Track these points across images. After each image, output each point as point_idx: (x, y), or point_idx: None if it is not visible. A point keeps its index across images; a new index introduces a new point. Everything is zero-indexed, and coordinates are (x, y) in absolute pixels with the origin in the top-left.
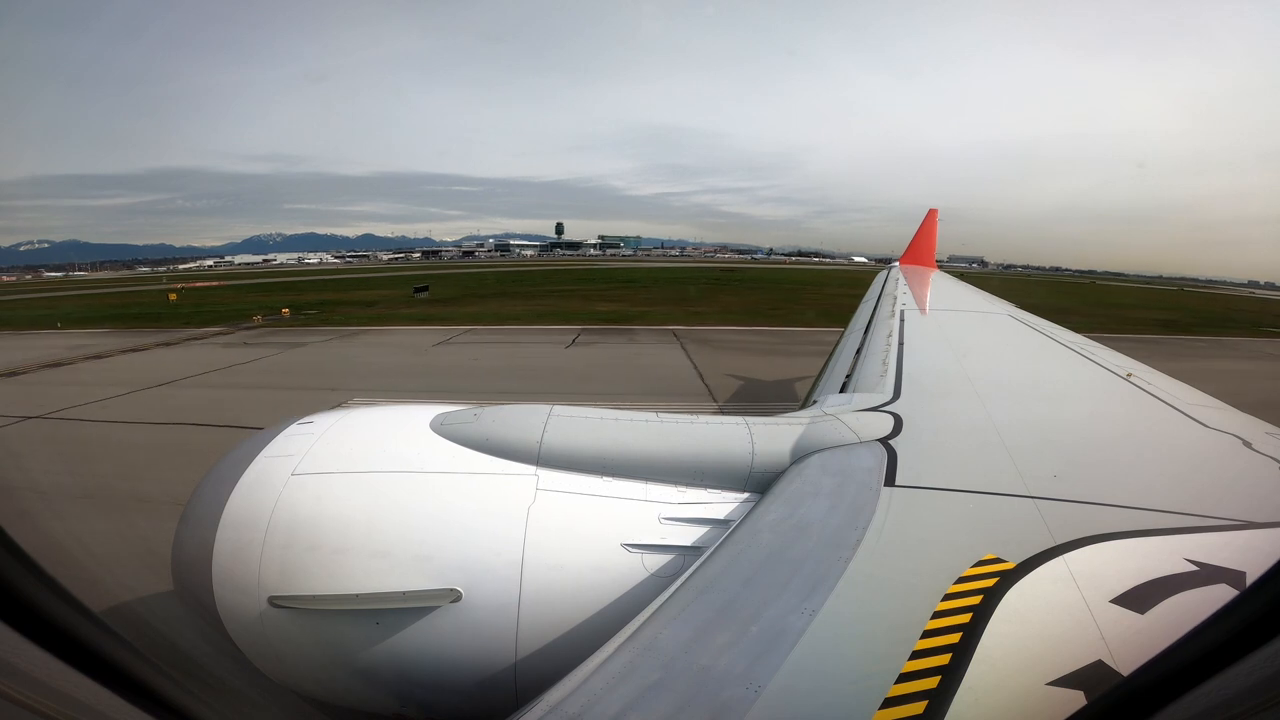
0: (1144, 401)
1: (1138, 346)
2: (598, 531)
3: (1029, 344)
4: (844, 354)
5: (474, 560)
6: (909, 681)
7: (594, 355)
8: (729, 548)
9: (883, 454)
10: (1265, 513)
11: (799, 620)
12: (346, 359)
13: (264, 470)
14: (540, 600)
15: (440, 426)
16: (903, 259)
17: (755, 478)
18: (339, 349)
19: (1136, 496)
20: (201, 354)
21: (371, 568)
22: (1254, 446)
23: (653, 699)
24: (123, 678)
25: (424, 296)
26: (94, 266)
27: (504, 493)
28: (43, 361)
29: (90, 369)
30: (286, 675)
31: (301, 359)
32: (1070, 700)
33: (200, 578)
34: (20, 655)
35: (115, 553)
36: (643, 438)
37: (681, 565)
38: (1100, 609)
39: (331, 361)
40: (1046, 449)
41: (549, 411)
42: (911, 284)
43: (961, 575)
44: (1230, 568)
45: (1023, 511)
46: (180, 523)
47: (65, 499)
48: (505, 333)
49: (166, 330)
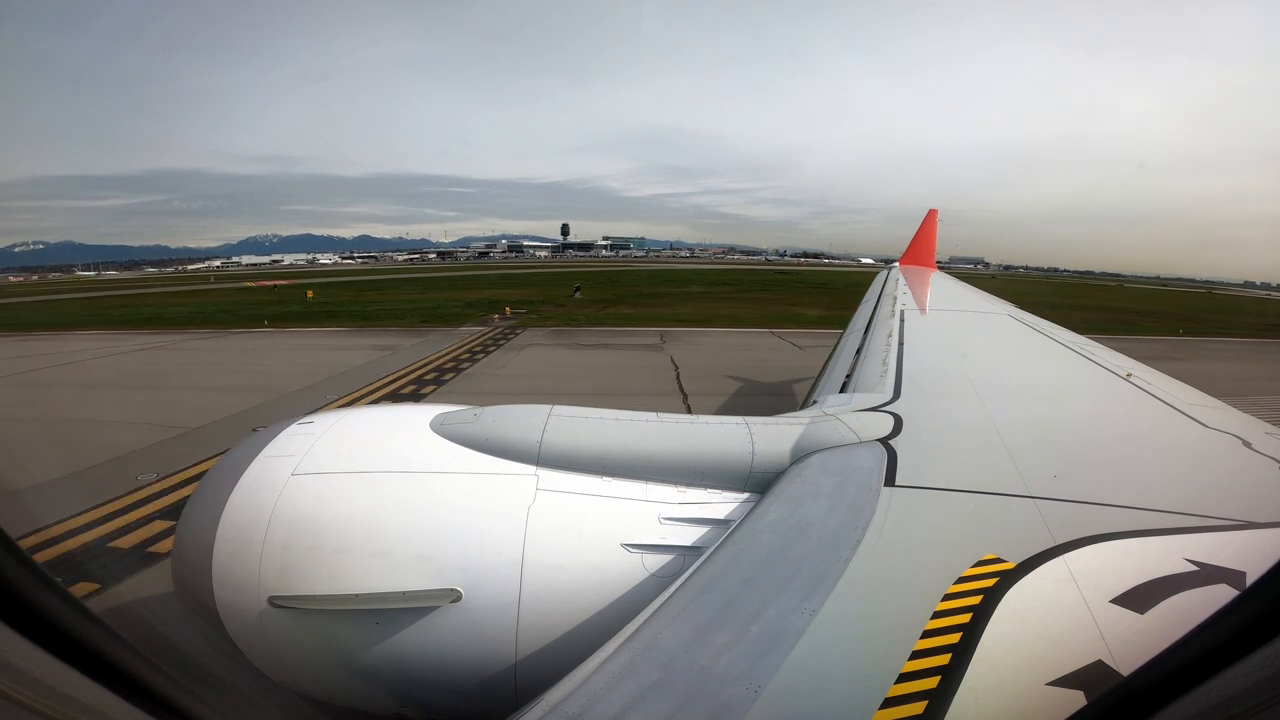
0: (1144, 401)
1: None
2: (598, 531)
3: (1029, 344)
4: (844, 354)
5: (474, 560)
6: (909, 681)
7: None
8: (729, 548)
9: (883, 454)
10: (1265, 513)
11: (799, 620)
12: (764, 358)
13: (264, 470)
14: (540, 600)
15: (440, 426)
16: (903, 259)
17: (755, 478)
18: (707, 347)
19: (1136, 496)
20: (570, 356)
21: (371, 568)
22: (1254, 446)
23: (653, 699)
24: (123, 678)
25: (580, 297)
26: (97, 268)
27: (504, 493)
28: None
29: (500, 369)
30: (286, 675)
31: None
32: (1070, 700)
33: (200, 577)
34: (20, 655)
35: None
36: (643, 438)
37: (681, 565)
38: (1100, 609)
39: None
40: (1046, 449)
41: (549, 411)
42: (911, 284)
43: (961, 575)
44: (1230, 568)
45: (1023, 511)
46: (180, 522)
47: None
48: (762, 335)
49: (416, 330)
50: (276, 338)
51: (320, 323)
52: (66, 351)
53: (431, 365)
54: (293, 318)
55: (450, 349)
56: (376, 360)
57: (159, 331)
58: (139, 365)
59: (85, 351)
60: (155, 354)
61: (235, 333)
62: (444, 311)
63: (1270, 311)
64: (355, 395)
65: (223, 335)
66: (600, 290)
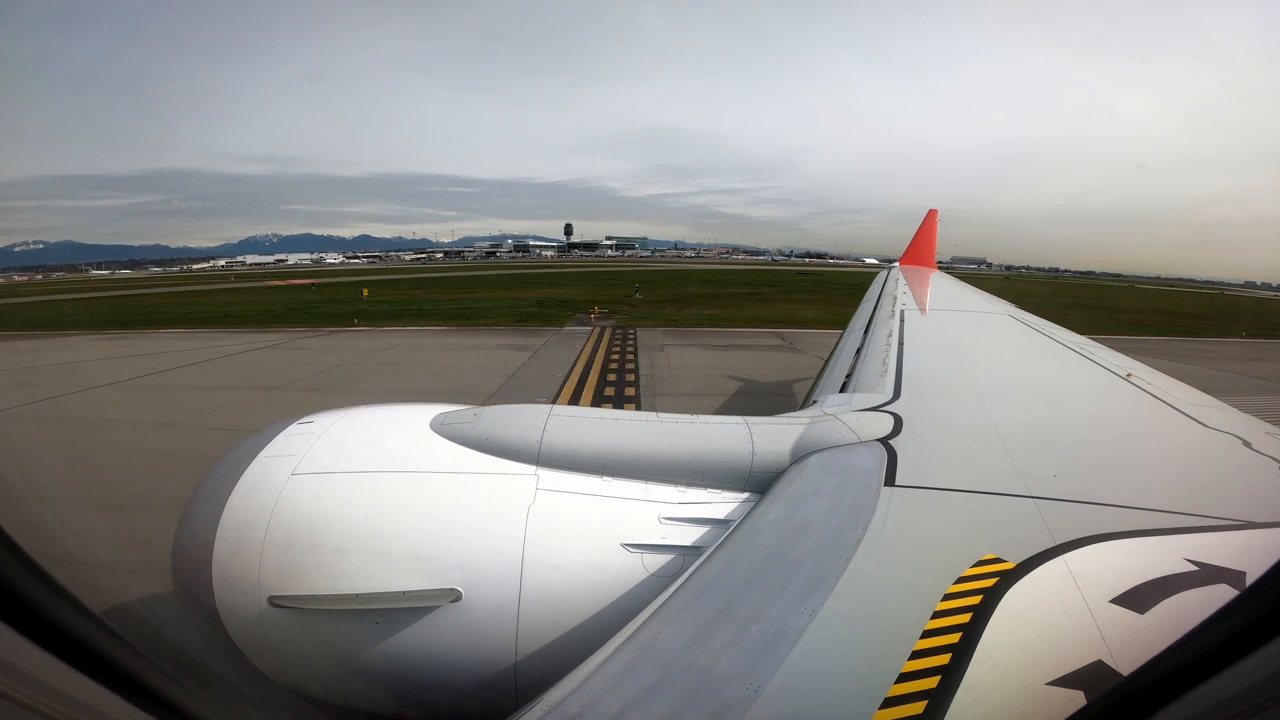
0: (1144, 401)
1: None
2: (598, 531)
3: (1029, 344)
4: (844, 354)
5: (474, 560)
6: (909, 681)
7: None
8: (729, 548)
9: (883, 454)
10: (1265, 513)
11: (799, 620)
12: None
13: (264, 470)
14: (540, 600)
15: (440, 426)
16: (903, 259)
17: (755, 478)
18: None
19: (1136, 496)
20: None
21: (371, 568)
22: (1254, 446)
23: (653, 699)
24: (123, 678)
25: (640, 298)
26: (112, 267)
27: (504, 492)
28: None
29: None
30: (286, 675)
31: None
32: (1070, 700)
33: (200, 577)
34: (20, 655)
35: None
36: (643, 438)
37: (681, 565)
38: (1100, 609)
39: None
40: (1046, 449)
41: (549, 411)
42: (911, 284)
43: (961, 575)
44: (1230, 568)
45: (1023, 511)
46: (180, 522)
47: None
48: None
49: (524, 329)
50: (393, 336)
51: (412, 321)
52: (175, 351)
53: (594, 364)
54: (381, 316)
55: (585, 349)
56: (529, 360)
57: (251, 330)
58: (288, 365)
59: (198, 350)
60: (280, 353)
61: (339, 332)
62: (527, 311)
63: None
64: (572, 394)
65: (327, 334)
66: (650, 291)
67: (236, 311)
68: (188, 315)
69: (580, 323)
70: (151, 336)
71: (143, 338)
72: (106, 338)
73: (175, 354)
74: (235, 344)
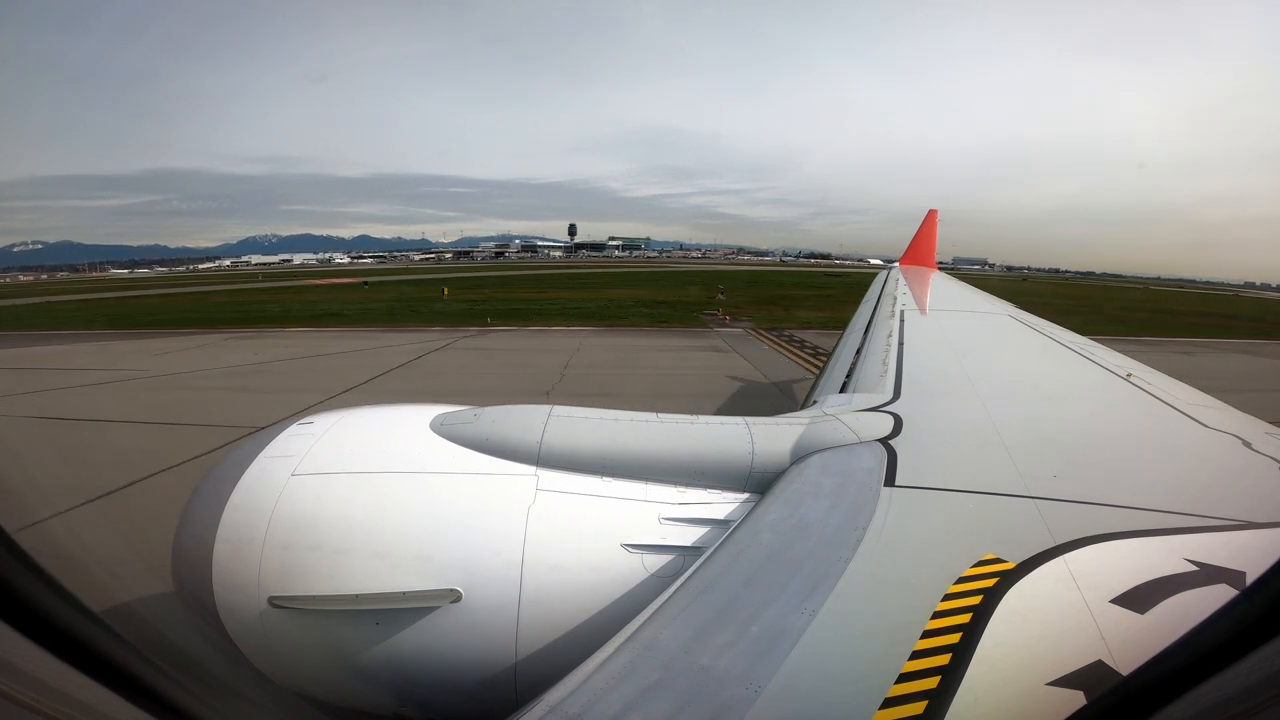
0: (1144, 401)
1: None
2: (598, 532)
3: (1029, 344)
4: (844, 354)
5: (474, 560)
6: (909, 681)
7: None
8: (729, 548)
9: (883, 454)
10: (1265, 513)
11: (799, 620)
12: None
13: (264, 470)
14: (540, 600)
15: (440, 427)
16: (903, 259)
17: (755, 478)
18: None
19: (1136, 496)
20: None
21: (372, 568)
22: (1254, 446)
23: (653, 699)
24: (123, 678)
25: (725, 298)
26: (131, 266)
27: (504, 493)
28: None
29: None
30: (286, 675)
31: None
32: (1070, 700)
33: (200, 578)
34: (20, 655)
35: None
36: (643, 438)
37: (681, 565)
38: (1100, 609)
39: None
40: (1046, 449)
41: (549, 412)
42: (911, 284)
43: (961, 575)
44: (1230, 568)
45: (1023, 511)
46: (180, 522)
47: None
48: None
49: (677, 330)
50: (566, 337)
51: (552, 321)
52: (352, 350)
53: (803, 362)
54: (513, 315)
55: (767, 349)
56: (734, 359)
57: (395, 329)
58: (515, 367)
59: (385, 350)
60: (478, 355)
61: (496, 331)
62: (639, 312)
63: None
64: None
65: (491, 334)
66: (710, 291)
67: (337, 310)
68: (289, 314)
69: (720, 323)
70: (299, 335)
71: (295, 336)
72: (246, 336)
73: (359, 353)
74: (402, 341)
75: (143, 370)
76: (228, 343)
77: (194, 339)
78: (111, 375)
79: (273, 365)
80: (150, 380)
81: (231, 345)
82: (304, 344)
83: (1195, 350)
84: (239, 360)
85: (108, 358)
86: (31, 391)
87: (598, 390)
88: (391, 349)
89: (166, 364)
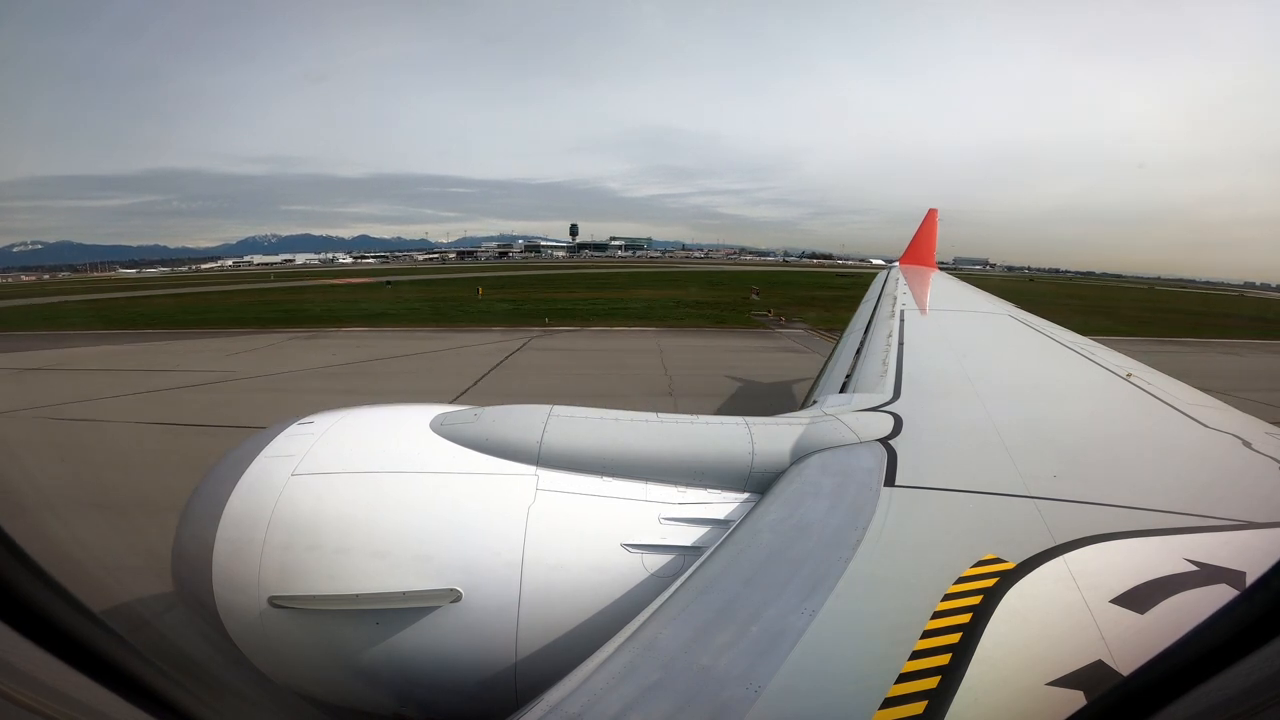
0: (1144, 401)
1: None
2: (598, 531)
3: (1029, 344)
4: (844, 354)
5: (474, 560)
6: (909, 681)
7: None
8: (729, 548)
9: (883, 454)
10: (1265, 513)
11: (799, 620)
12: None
13: (264, 470)
14: (540, 600)
15: (440, 427)
16: (903, 259)
17: (755, 478)
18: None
19: (1136, 496)
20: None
21: (371, 568)
22: (1254, 446)
23: (653, 699)
24: (123, 678)
25: (759, 300)
26: (138, 266)
27: (504, 493)
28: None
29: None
30: (286, 675)
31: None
32: (1070, 700)
33: (200, 578)
34: (20, 655)
35: None
36: (643, 438)
37: (681, 565)
38: (1100, 609)
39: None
40: (1046, 449)
41: (549, 412)
42: (911, 284)
43: (961, 575)
44: (1230, 568)
45: (1023, 511)
46: (180, 522)
47: None
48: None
49: (736, 330)
50: (647, 338)
51: (614, 322)
52: (442, 350)
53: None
54: (570, 316)
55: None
56: (820, 360)
57: (468, 329)
58: (626, 367)
59: (436, 353)
60: (576, 355)
61: (571, 331)
62: (686, 313)
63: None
64: None
65: (567, 334)
66: (742, 293)
67: (381, 310)
68: (333, 313)
69: (777, 324)
70: (361, 335)
71: (357, 336)
72: (307, 336)
73: (441, 355)
74: (475, 341)
75: (228, 371)
76: (293, 343)
77: (252, 340)
78: (198, 378)
79: (365, 366)
80: (247, 382)
81: (300, 346)
82: (378, 344)
83: (1240, 350)
84: (321, 361)
85: (174, 358)
86: (129, 394)
87: (722, 392)
88: (469, 349)
89: (246, 365)
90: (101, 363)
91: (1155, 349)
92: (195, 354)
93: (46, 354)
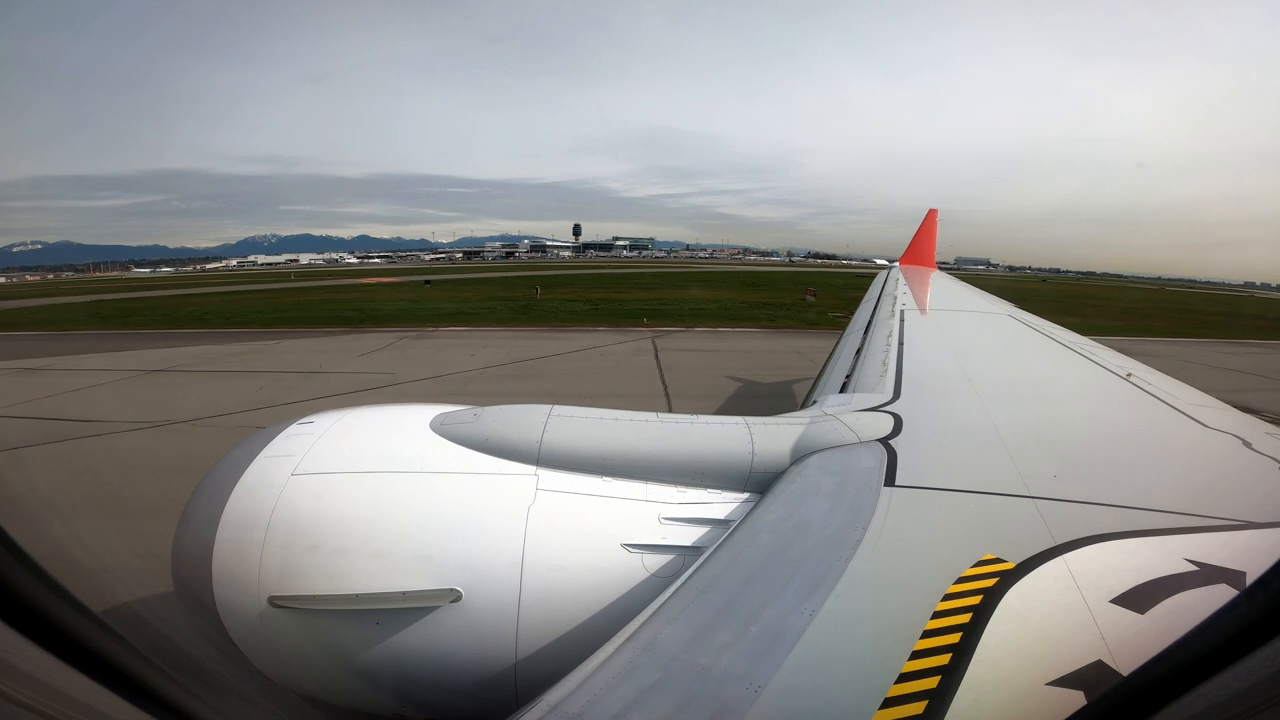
0: (1144, 401)
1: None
2: (598, 531)
3: (1029, 344)
4: (844, 354)
5: (474, 560)
6: (909, 681)
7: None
8: (729, 548)
9: (882, 454)
10: (1265, 513)
11: (799, 620)
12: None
13: (264, 470)
14: (540, 600)
15: (440, 427)
16: (903, 259)
17: (755, 478)
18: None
19: (1136, 496)
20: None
21: (372, 568)
22: (1254, 446)
23: (653, 699)
24: (123, 678)
25: (814, 300)
26: (154, 265)
27: (504, 493)
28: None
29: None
30: (286, 675)
31: None
32: (1070, 700)
33: (200, 578)
34: (20, 655)
35: None
36: (643, 438)
37: (681, 565)
38: (1100, 609)
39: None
40: (1046, 449)
41: (549, 411)
42: (911, 284)
43: (961, 575)
44: (1230, 568)
45: (1023, 511)
46: (180, 522)
47: None
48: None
49: (817, 331)
50: (748, 339)
51: (700, 322)
52: (545, 354)
53: None
54: (664, 316)
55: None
56: None
57: (576, 330)
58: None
59: (573, 353)
60: (704, 356)
61: (672, 331)
62: (766, 314)
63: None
64: None
65: (679, 335)
66: (781, 294)
67: (466, 310)
68: (410, 313)
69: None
70: (469, 335)
71: (467, 336)
72: (418, 336)
73: (577, 355)
74: (607, 342)
75: (389, 373)
76: (416, 343)
77: (363, 340)
78: (364, 380)
79: (524, 366)
80: (431, 383)
81: (424, 346)
82: (503, 345)
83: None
84: (465, 361)
85: (308, 357)
86: (323, 395)
87: None
88: (596, 350)
89: (395, 365)
90: (242, 364)
91: (1236, 350)
92: (324, 353)
93: (177, 351)
